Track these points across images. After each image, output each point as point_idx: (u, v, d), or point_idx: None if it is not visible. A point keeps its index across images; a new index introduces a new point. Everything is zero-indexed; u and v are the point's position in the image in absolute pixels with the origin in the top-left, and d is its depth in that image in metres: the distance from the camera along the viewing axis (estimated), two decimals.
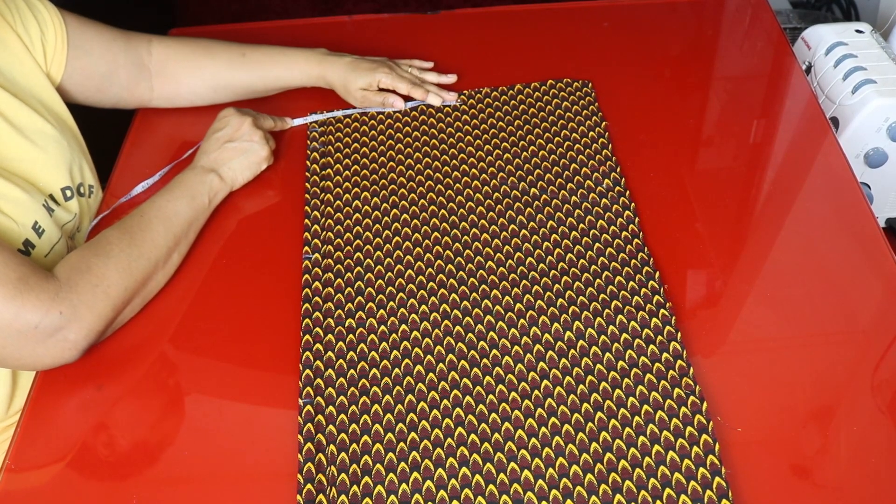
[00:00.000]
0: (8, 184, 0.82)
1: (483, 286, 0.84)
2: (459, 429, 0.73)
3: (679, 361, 0.75)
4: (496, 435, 0.72)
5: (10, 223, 0.81)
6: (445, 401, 0.75)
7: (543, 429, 0.72)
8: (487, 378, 0.76)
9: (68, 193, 0.91)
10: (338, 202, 0.95)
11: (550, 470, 0.69)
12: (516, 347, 0.78)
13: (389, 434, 0.73)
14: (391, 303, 0.83)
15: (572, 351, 0.77)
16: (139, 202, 0.91)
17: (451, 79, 1.10)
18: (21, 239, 0.82)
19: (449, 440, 0.72)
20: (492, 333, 0.80)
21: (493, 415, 0.73)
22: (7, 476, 0.72)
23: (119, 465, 0.73)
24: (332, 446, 0.72)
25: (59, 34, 0.92)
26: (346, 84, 1.05)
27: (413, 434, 0.73)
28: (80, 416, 0.77)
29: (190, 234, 0.88)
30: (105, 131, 1.03)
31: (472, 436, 0.72)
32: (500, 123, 1.04)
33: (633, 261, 0.85)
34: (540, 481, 0.69)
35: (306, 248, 0.90)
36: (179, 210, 0.87)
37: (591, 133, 1.01)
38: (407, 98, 1.06)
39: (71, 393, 0.78)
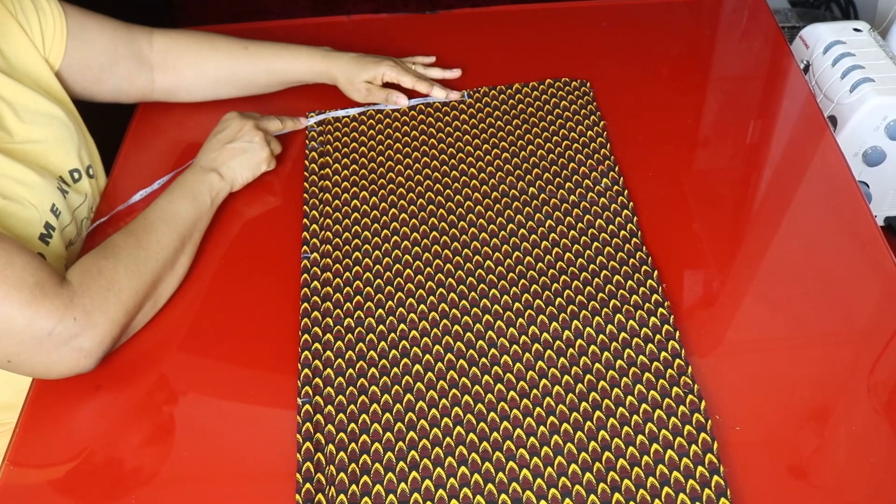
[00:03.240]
0: (24, 168, 0.83)
1: (482, 285, 0.84)
2: (458, 427, 0.73)
3: (677, 360, 0.76)
4: (495, 434, 0.72)
5: (31, 210, 0.82)
6: (444, 399, 0.75)
7: (542, 427, 0.72)
8: (486, 377, 0.76)
9: (76, 175, 0.92)
10: (336, 202, 0.95)
11: (549, 468, 0.69)
12: (515, 346, 0.78)
13: (388, 433, 0.73)
14: (390, 302, 0.83)
15: (571, 349, 0.77)
16: (139, 209, 0.91)
17: (455, 73, 1.10)
18: (42, 223, 0.83)
19: (448, 439, 0.72)
20: (490, 332, 0.80)
21: (492, 413, 0.73)
22: (6, 475, 0.72)
23: (118, 464, 0.73)
24: (330, 445, 0.72)
25: (58, 23, 0.93)
26: (350, 78, 1.05)
27: (412, 433, 0.73)
28: (80, 415, 0.77)
29: (195, 234, 0.88)
30: (104, 130, 1.03)
31: (471, 434, 0.72)
32: (499, 123, 1.04)
33: (632, 260, 0.85)
34: (539, 480, 0.69)
35: (305, 247, 0.90)
36: (182, 211, 0.86)
37: (590, 132, 1.01)
38: (410, 95, 1.07)
39: (70, 392, 0.78)
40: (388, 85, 1.07)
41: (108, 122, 1.07)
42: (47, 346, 0.72)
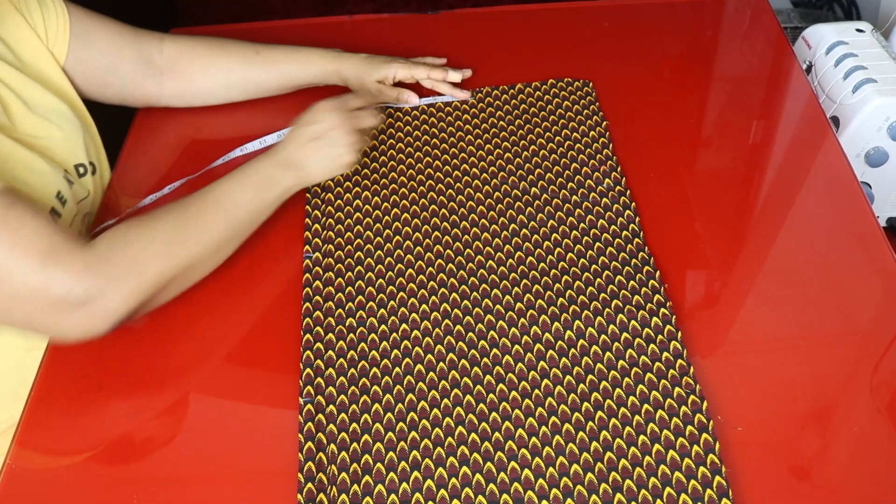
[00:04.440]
0: (32, 154, 0.83)
1: (483, 285, 0.84)
2: (460, 428, 0.73)
3: (679, 360, 0.76)
4: (496, 434, 0.72)
5: (36, 194, 0.82)
6: (446, 400, 0.75)
7: (544, 428, 0.72)
8: (488, 377, 0.76)
9: (81, 170, 0.92)
10: (338, 201, 0.95)
11: (551, 469, 0.69)
12: (517, 346, 0.78)
13: (390, 433, 0.73)
14: (392, 302, 0.83)
15: (573, 350, 0.77)
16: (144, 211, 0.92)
17: (466, 73, 1.10)
18: (47, 209, 0.83)
19: (449, 439, 0.72)
20: (492, 332, 0.80)
21: (494, 414, 0.73)
22: (7, 476, 0.72)
23: (119, 464, 0.73)
24: (332, 445, 0.72)
25: (61, 22, 0.92)
26: (361, 78, 1.05)
27: (413, 433, 0.73)
28: (80, 415, 0.77)
29: (249, 227, 0.85)
30: (104, 129, 1.03)
31: (473, 435, 0.72)
32: (501, 123, 1.04)
33: (634, 260, 0.85)
34: (540, 480, 0.69)
35: (307, 247, 0.90)
36: (243, 201, 0.83)
37: (592, 133, 1.01)
38: (421, 94, 1.07)
39: (71, 392, 0.78)
40: (399, 84, 1.07)
41: (111, 120, 1.07)
42: (60, 311, 0.72)
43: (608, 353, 0.77)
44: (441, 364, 0.78)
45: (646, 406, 0.73)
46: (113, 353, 0.82)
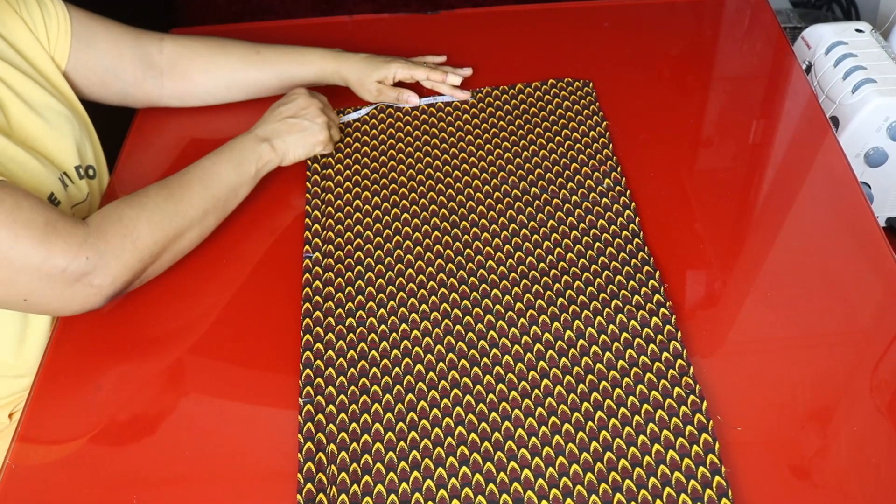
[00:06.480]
0: (26, 154, 0.84)
1: (483, 285, 0.84)
2: (460, 428, 0.73)
3: (679, 360, 0.76)
4: (496, 434, 0.72)
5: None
6: (446, 400, 0.75)
7: (543, 428, 0.72)
8: (488, 377, 0.76)
9: (81, 172, 0.92)
10: (338, 202, 0.95)
11: (550, 469, 0.69)
12: (516, 346, 0.78)
13: (390, 433, 0.73)
14: (391, 302, 0.83)
15: (572, 350, 0.77)
16: None
17: (466, 71, 1.10)
18: None
19: (449, 439, 0.72)
20: (492, 332, 0.80)
21: (494, 414, 0.73)
22: (7, 475, 0.72)
23: (119, 464, 0.73)
24: (332, 445, 0.72)
25: (62, 25, 0.92)
26: (361, 78, 1.05)
27: (413, 433, 0.73)
28: (80, 415, 0.77)
29: (231, 199, 0.89)
30: (105, 130, 1.03)
31: (473, 435, 0.72)
32: (501, 123, 1.04)
33: (633, 260, 0.85)
34: (540, 480, 0.69)
35: (307, 247, 0.90)
36: (223, 174, 0.87)
37: (592, 133, 1.01)
38: (421, 94, 1.07)
39: (71, 393, 0.79)
40: (399, 84, 1.07)
41: (111, 120, 1.07)
42: (61, 284, 0.74)
43: (608, 353, 0.77)
44: (441, 364, 0.78)
45: (645, 406, 0.73)
46: (112, 354, 0.82)
